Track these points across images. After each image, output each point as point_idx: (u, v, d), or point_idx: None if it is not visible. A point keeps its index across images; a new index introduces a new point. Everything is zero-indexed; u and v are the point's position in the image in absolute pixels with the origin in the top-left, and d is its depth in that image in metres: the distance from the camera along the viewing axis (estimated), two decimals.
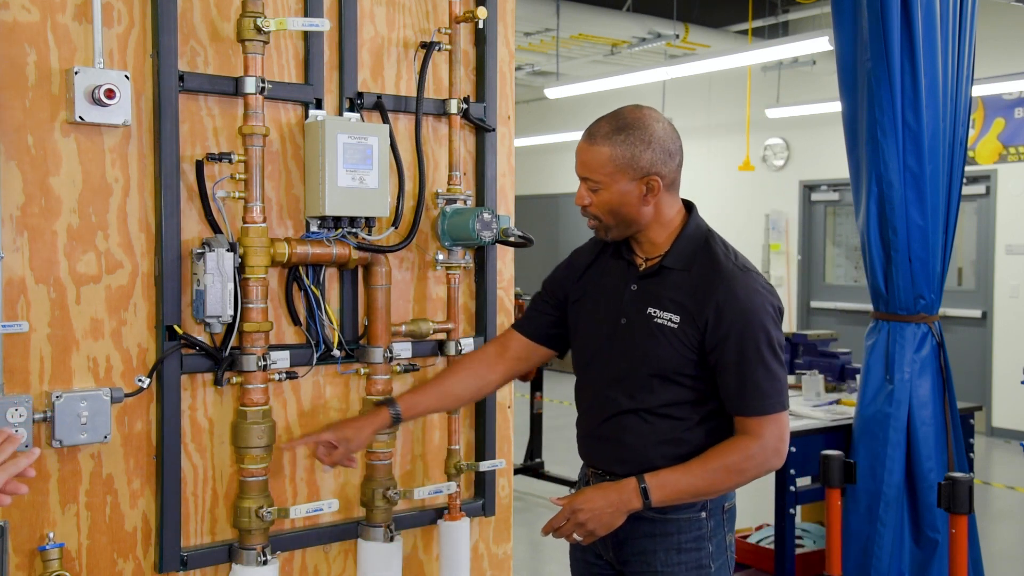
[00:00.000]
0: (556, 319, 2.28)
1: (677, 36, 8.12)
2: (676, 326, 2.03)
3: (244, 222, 2.14)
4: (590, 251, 2.26)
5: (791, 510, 3.81)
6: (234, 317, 2.11)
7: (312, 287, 2.27)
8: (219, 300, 2.07)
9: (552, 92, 8.36)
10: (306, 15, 2.25)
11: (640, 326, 2.07)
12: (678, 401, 2.05)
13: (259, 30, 2.10)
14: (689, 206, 2.15)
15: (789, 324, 9.52)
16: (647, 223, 2.09)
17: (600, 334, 2.15)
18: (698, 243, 2.09)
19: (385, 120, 2.36)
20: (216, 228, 2.14)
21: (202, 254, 2.07)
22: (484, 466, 2.54)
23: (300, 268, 2.26)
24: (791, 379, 4.76)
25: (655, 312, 2.05)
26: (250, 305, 2.13)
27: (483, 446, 2.58)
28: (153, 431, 2.11)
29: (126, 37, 2.06)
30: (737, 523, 2.30)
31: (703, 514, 2.09)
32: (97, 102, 1.97)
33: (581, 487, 2.22)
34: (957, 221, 3.78)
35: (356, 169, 2.21)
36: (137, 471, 2.10)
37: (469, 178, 2.55)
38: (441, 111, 2.48)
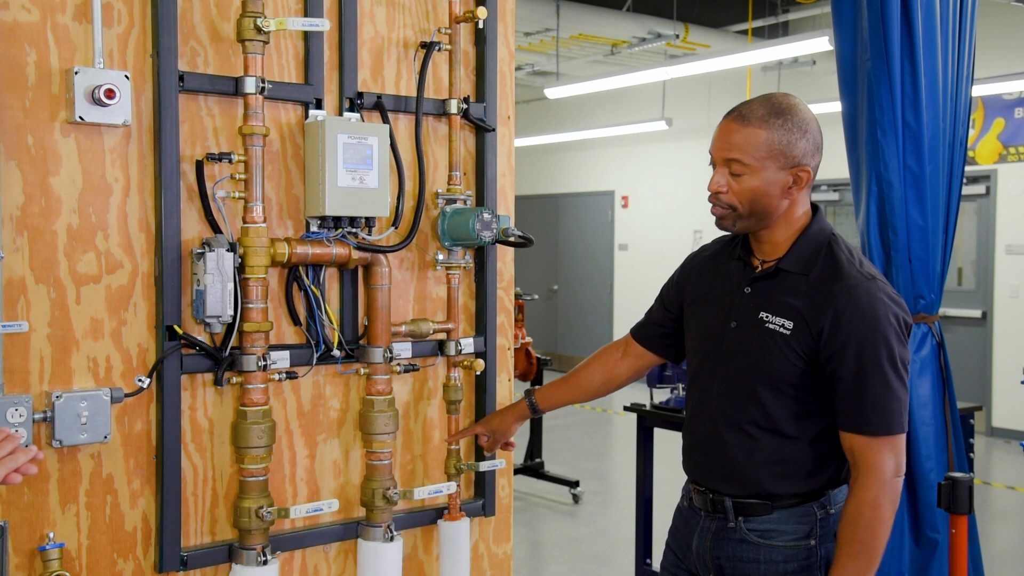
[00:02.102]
0: (665, 329, 2.27)
1: (677, 36, 8.12)
2: (789, 332, 1.93)
3: (244, 222, 2.14)
4: (705, 252, 2.20)
5: None
6: (234, 317, 2.11)
7: (312, 287, 2.27)
8: (219, 300, 2.07)
9: (552, 92, 8.36)
10: (306, 15, 2.25)
11: (750, 331, 1.98)
12: (785, 415, 1.95)
13: (259, 30, 2.10)
14: (815, 207, 2.05)
15: None
16: (777, 220, 1.99)
17: (710, 339, 2.08)
18: (820, 246, 1.98)
19: (385, 120, 2.36)
20: (216, 228, 2.14)
21: (202, 254, 2.07)
22: (484, 466, 2.54)
23: (300, 268, 2.26)
24: None
25: (767, 317, 1.96)
26: (250, 305, 2.13)
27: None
28: (153, 431, 2.11)
29: (126, 37, 2.06)
30: None
31: (812, 541, 1.99)
32: (97, 102, 1.97)
33: (683, 504, 2.18)
34: (957, 221, 3.78)
35: (356, 169, 2.21)
36: (137, 471, 2.10)
37: (469, 178, 2.55)
38: (441, 111, 2.48)
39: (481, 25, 2.50)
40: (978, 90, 6.51)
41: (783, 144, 1.93)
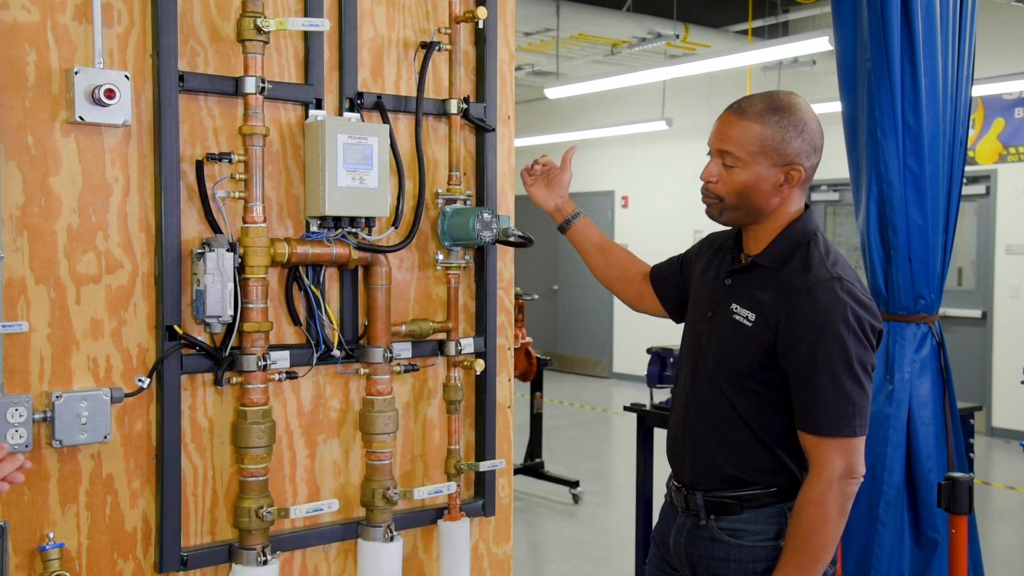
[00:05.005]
0: (672, 279, 2.32)
1: (677, 36, 8.12)
2: (751, 325, 1.93)
3: (244, 222, 2.14)
4: (716, 239, 2.19)
5: None
6: (234, 317, 2.11)
7: (312, 287, 2.27)
8: (219, 300, 2.07)
9: (552, 92, 8.36)
10: (306, 15, 2.25)
11: (721, 322, 2.00)
12: (746, 408, 1.96)
13: (259, 30, 2.10)
14: (807, 206, 2.04)
15: None
16: (767, 217, 1.99)
17: (692, 329, 2.11)
18: (798, 244, 1.96)
19: (385, 120, 2.36)
20: (216, 228, 2.14)
21: (202, 254, 2.07)
22: (484, 466, 2.54)
23: (300, 268, 2.26)
24: None
25: (736, 308, 1.97)
26: (250, 305, 2.13)
27: (483, 446, 2.57)
28: (153, 431, 2.11)
29: (126, 37, 2.06)
30: None
31: (780, 542, 1.97)
32: (97, 102, 1.97)
33: (666, 500, 2.21)
34: (957, 221, 3.78)
35: (356, 169, 2.21)
36: (137, 471, 2.10)
37: (469, 178, 2.55)
38: (441, 111, 2.48)
39: (481, 25, 2.50)
40: (978, 90, 6.51)
41: (776, 141, 1.92)
